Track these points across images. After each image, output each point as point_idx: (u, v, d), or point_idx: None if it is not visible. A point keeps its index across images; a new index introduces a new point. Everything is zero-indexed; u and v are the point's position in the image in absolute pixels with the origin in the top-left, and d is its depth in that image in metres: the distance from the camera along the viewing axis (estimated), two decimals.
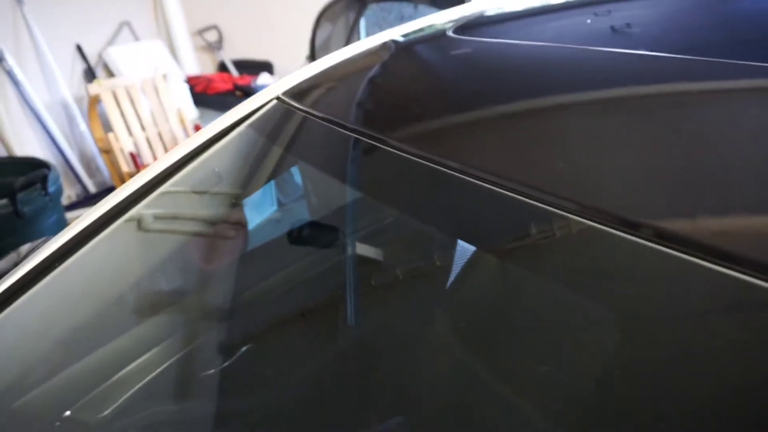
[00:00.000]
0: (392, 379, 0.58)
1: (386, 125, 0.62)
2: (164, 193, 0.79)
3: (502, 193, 0.44)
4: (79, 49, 3.48)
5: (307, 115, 0.73)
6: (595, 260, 0.40)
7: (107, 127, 3.18)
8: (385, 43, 0.85)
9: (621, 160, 0.43)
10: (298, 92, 0.80)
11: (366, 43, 0.87)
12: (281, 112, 0.79)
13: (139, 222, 0.81)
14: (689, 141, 0.42)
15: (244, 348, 0.76)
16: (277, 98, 0.81)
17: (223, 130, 0.80)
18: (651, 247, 0.34)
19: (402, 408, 0.56)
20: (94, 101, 3.14)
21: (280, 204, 1.02)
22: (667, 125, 0.45)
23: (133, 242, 0.83)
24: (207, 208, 0.84)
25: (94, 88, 3.10)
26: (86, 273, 0.80)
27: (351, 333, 0.65)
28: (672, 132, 0.44)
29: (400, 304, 0.64)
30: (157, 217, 0.81)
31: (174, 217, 0.83)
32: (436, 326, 0.57)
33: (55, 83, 3.27)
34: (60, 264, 0.74)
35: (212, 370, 0.76)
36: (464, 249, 0.54)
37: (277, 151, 0.80)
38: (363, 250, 0.73)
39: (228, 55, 4.28)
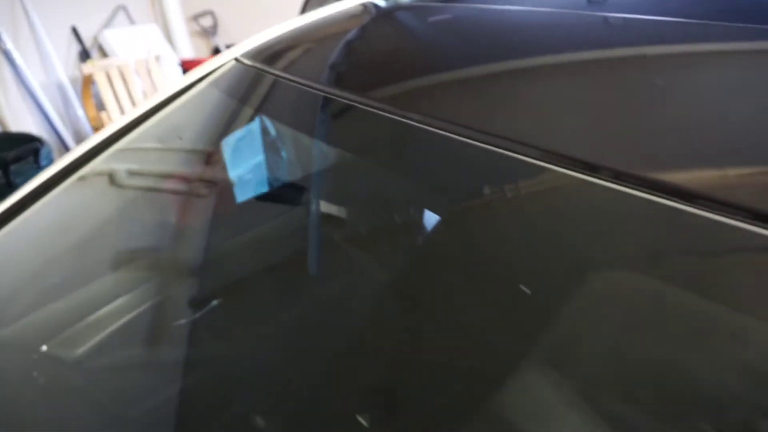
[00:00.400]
0: (360, 332, 0.59)
1: (336, 80, 0.70)
2: (126, 148, 0.86)
3: (450, 137, 0.47)
4: (75, 31, 3.55)
5: (261, 73, 0.81)
6: (573, 210, 0.41)
7: (100, 107, 3.26)
8: (335, 12, 0.93)
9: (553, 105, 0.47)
10: (254, 54, 0.88)
11: (320, 12, 0.95)
12: (238, 71, 0.87)
13: (110, 175, 0.88)
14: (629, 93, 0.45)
15: (215, 300, 0.82)
16: (235, 59, 0.89)
17: (180, 90, 0.88)
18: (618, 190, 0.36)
19: (371, 361, 0.56)
20: (88, 80, 3.22)
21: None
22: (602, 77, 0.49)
23: (106, 192, 0.91)
24: (166, 163, 0.92)
25: (87, 67, 3.17)
26: (58, 217, 0.87)
27: (317, 286, 0.68)
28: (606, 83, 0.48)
29: (370, 258, 0.65)
30: (131, 173, 0.88)
31: (141, 172, 0.90)
32: (404, 280, 0.58)
33: (51, 64, 3.34)
34: (33, 204, 0.82)
35: (184, 320, 0.82)
36: (430, 200, 0.56)
37: (234, 108, 0.88)
38: (318, 205, 0.79)
39: (222, 41, 4.34)
